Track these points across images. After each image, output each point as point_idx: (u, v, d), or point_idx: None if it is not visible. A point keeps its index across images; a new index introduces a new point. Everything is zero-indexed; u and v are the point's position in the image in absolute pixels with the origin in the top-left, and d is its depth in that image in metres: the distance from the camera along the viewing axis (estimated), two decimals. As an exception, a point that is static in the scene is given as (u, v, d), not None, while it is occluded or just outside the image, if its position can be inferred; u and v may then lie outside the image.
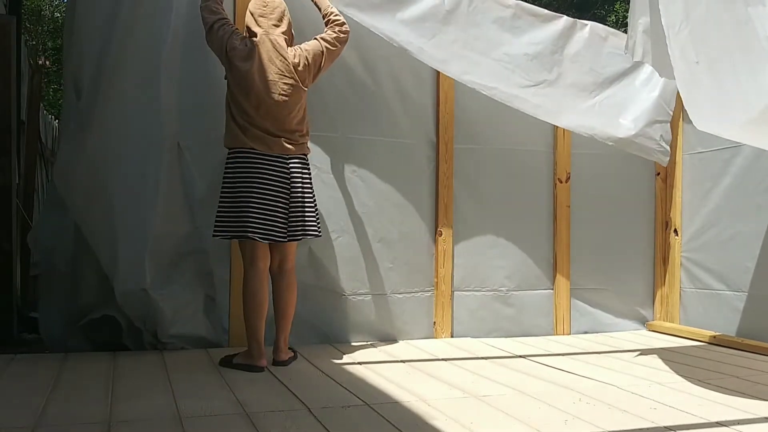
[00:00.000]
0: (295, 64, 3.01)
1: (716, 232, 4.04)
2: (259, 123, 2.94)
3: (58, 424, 2.13)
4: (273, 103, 2.95)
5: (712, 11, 2.48)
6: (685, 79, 2.62)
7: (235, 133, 2.96)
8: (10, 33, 3.59)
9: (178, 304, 3.31)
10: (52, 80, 13.72)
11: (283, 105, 2.97)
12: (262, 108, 2.94)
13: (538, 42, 3.89)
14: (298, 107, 3.03)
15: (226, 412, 2.29)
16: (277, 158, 2.97)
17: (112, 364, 2.98)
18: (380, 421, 2.22)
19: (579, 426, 2.21)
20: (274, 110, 2.95)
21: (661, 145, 4.11)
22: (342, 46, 3.19)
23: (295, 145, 3.02)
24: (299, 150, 3.05)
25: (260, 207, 2.92)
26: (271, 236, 2.95)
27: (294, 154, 3.02)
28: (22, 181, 4.66)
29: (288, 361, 3.08)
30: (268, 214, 2.93)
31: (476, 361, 3.28)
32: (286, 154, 2.99)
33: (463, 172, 3.94)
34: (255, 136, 2.94)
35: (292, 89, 2.99)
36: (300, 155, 3.05)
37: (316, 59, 3.09)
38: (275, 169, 2.96)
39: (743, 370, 3.16)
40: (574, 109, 3.90)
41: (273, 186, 2.95)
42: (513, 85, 3.76)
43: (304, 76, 3.05)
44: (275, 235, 2.96)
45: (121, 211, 3.18)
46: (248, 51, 2.96)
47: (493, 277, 4.00)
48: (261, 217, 2.92)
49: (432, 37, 3.62)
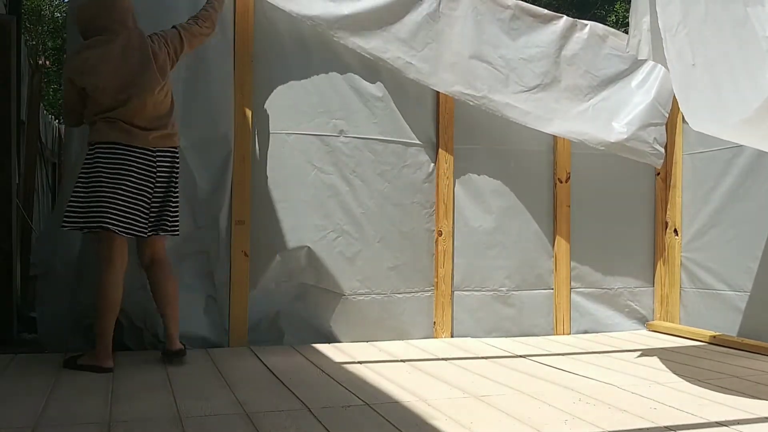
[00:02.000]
0: (155, 54, 2.92)
1: (717, 232, 4.04)
2: (123, 116, 2.86)
3: (58, 424, 2.13)
4: (136, 96, 2.86)
5: (711, 11, 2.48)
6: (681, 81, 2.63)
7: (98, 126, 2.87)
8: (10, 33, 3.59)
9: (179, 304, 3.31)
10: (52, 80, 13.73)
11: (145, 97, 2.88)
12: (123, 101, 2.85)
13: (536, 45, 3.91)
14: (162, 98, 2.95)
15: (226, 412, 2.29)
16: (141, 150, 2.89)
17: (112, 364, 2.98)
18: (380, 421, 2.22)
19: (579, 426, 2.21)
20: (136, 103, 2.86)
21: (654, 147, 4.10)
22: (202, 38, 3.13)
23: (162, 138, 2.94)
24: (166, 143, 2.97)
25: (121, 199, 2.83)
26: (131, 230, 2.86)
27: (161, 147, 2.94)
28: (22, 181, 4.66)
29: (181, 351, 2.98)
30: (128, 207, 2.84)
31: (476, 361, 3.28)
32: (153, 147, 2.92)
33: (463, 171, 3.94)
34: (120, 129, 2.86)
35: (152, 81, 2.88)
36: (168, 149, 2.98)
37: (176, 49, 3.02)
38: (138, 161, 2.87)
39: (743, 370, 3.16)
40: (566, 114, 3.91)
41: (135, 179, 2.86)
42: (504, 93, 3.79)
43: (164, 66, 2.95)
44: (135, 229, 2.87)
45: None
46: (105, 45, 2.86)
47: (493, 277, 4.00)
48: (120, 209, 2.82)
49: (423, 48, 3.63)
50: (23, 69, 4.74)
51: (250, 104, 3.50)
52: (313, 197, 3.61)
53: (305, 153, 3.61)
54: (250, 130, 3.50)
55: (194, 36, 3.09)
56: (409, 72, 3.65)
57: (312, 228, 3.60)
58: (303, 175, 3.60)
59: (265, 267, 3.53)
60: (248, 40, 3.51)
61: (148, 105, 2.90)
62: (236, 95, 3.48)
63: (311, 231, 3.59)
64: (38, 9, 14.27)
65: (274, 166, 3.56)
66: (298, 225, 3.57)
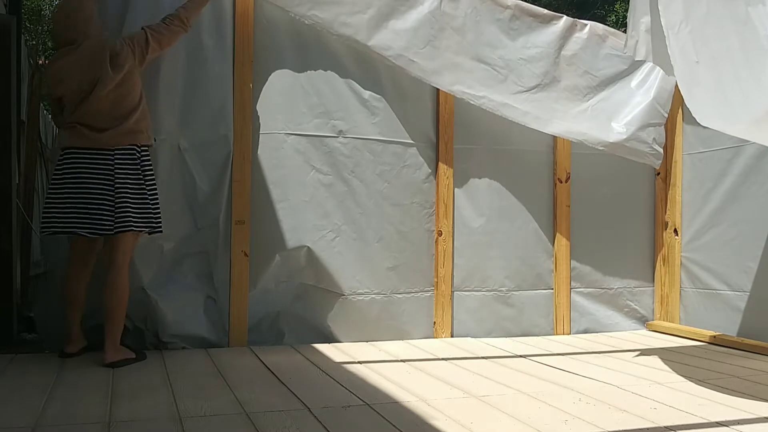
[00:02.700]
0: (114, 53, 2.96)
1: (717, 232, 4.04)
2: (81, 119, 2.94)
3: (58, 424, 2.13)
4: (90, 94, 2.93)
5: (712, 10, 2.48)
6: (686, 78, 2.63)
7: (60, 133, 3.01)
8: (10, 33, 3.59)
9: (179, 304, 3.32)
10: (52, 80, 13.71)
11: (101, 99, 2.94)
12: (80, 102, 2.94)
13: (535, 45, 3.91)
14: (125, 96, 2.97)
15: (226, 412, 2.29)
16: (96, 152, 2.93)
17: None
18: (380, 421, 2.22)
19: (579, 426, 2.21)
20: (92, 101, 2.94)
21: (653, 148, 4.10)
22: (171, 35, 3.13)
23: (122, 136, 2.96)
24: (127, 140, 2.97)
25: (68, 201, 2.91)
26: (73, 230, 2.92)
27: (121, 145, 2.96)
28: (22, 181, 4.66)
29: (116, 363, 2.92)
30: (81, 208, 2.90)
31: (476, 361, 3.28)
32: (111, 147, 2.94)
33: (463, 172, 3.94)
34: (76, 134, 2.94)
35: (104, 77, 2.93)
36: (129, 146, 2.98)
37: (141, 47, 3.04)
38: (92, 163, 2.93)
39: (743, 370, 3.16)
40: (565, 114, 3.90)
41: (87, 180, 2.91)
42: (503, 93, 3.79)
43: (122, 63, 2.97)
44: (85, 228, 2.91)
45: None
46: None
47: (493, 277, 4.00)
48: (68, 210, 2.90)
49: (425, 46, 3.64)
50: (23, 69, 4.74)
51: (249, 105, 3.50)
52: (312, 197, 3.61)
53: (304, 153, 3.61)
54: (249, 130, 3.50)
55: (162, 34, 3.11)
56: (412, 69, 3.64)
57: (311, 228, 3.60)
58: (302, 176, 3.60)
59: (264, 267, 3.53)
60: (248, 41, 3.51)
61: (105, 104, 2.95)
62: (236, 96, 3.48)
63: (310, 231, 3.59)
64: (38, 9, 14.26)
65: (273, 166, 3.56)
66: (298, 225, 3.57)
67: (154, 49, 3.09)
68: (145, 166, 3.04)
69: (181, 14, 3.17)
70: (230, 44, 3.49)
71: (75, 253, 3.07)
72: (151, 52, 3.08)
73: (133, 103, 3.01)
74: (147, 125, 3.08)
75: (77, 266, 3.06)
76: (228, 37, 3.48)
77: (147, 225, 3.03)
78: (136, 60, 3.03)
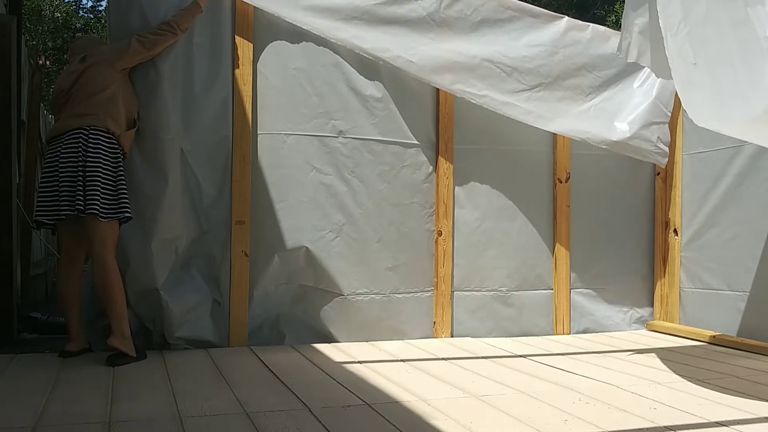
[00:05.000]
0: (96, 52, 3.16)
1: (717, 232, 4.04)
2: (59, 113, 3.13)
3: (58, 424, 2.13)
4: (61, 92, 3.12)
5: (711, 11, 2.48)
6: (683, 80, 2.62)
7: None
8: (10, 33, 3.59)
9: (186, 306, 3.33)
10: (53, 80, 13.72)
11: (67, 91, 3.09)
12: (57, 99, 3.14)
13: (538, 44, 3.91)
14: (98, 92, 3.06)
15: (226, 412, 2.29)
16: (55, 140, 3.03)
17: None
18: (380, 420, 2.22)
19: (579, 426, 2.21)
20: (59, 91, 3.13)
21: (658, 146, 4.10)
22: (161, 39, 3.22)
23: (71, 119, 3.03)
24: (75, 123, 3.01)
25: (41, 189, 3.04)
26: (47, 216, 3.02)
27: (69, 128, 3.01)
28: (22, 181, 4.66)
29: (117, 361, 2.93)
30: (42, 196, 3.03)
31: (476, 360, 3.28)
32: (61, 132, 3.02)
33: (463, 172, 3.94)
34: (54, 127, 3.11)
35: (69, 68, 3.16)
36: (76, 129, 3.00)
37: (126, 49, 3.16)
38: (53, 152, 3.03)
39: (743, 370, 3.16)
40: (567, 113, 3.91)
41: (52, 166, 3.01)
42: (505, 91, 3.79)
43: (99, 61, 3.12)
44: (48, 215, 3.02)
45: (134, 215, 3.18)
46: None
47: (493, 277, 4.00)
48: (43, 201, 3.02)
49: (426, 44, 3.64)
50: (23, 69, 4.74)
51: (249, 105, 3.50)
52: (311, 198, 3.61)
53: (304, 153, 3.61)
54: (249, 130, 3.50)
55: (147, 38, 3.20)
56: (411, 70, 3.64)
57: (311, 228, 3.60)
58: (302, 176, 3.60)
59: (264, 267, 3.53)
60: (248, 42, 3.51)
61: (74, 97, 3.06)
62: (235, 97, 3.48)
63: (310, 231, 3.59)
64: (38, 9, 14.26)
65: (273, 166, 3.56)
66: (297, 225, 3.57)
67: (137, 51, 3.18)
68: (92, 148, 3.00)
69: (171, 20, 3.26)
70: (230, 44, 3.49)
71: (63, 252, 3.15)
72: (133, 53, 3.17)
73: (108, 98, 3.07)
74: (108, 114, 3.06)
75: (66, 265, 3.12)
76: (228, 38, 3.49)
77: (115, 211, 3.00)
78: (116, 55, 3.15)
